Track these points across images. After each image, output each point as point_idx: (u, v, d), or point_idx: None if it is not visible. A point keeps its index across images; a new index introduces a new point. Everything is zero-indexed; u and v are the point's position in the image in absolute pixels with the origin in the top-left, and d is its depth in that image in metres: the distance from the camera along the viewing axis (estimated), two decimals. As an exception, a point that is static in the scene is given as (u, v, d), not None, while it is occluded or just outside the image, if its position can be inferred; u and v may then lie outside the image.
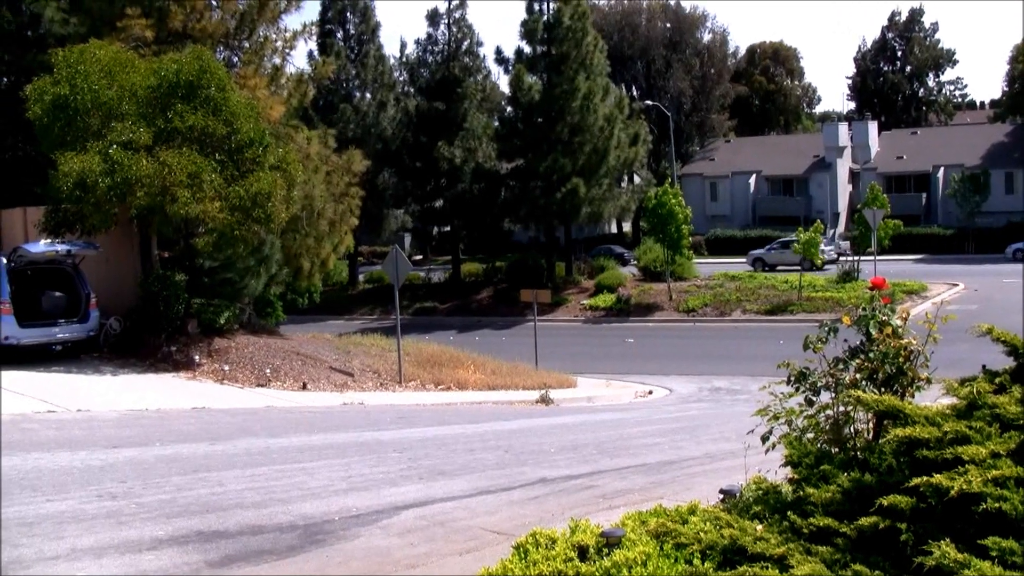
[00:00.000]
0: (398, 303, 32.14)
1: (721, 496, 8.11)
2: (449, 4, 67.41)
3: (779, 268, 65.04)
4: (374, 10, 69.17)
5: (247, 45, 32.70)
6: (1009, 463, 5.31)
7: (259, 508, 10.29)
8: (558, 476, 13.17)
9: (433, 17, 67.98)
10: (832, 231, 75.97)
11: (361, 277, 69.00)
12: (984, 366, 6.80)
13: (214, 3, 31.99)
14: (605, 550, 6.92)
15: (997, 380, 6.42)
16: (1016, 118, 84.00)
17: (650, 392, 32.41)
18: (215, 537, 8.94)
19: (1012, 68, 78.14)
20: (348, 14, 68.17)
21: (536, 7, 60.10)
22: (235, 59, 32.39)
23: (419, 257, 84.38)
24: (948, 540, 5.01)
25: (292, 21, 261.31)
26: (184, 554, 8.37)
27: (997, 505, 5.06)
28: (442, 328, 51.49)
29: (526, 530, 7.69)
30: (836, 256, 64.05)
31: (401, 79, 71.87)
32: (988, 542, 4.92)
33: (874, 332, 7.27)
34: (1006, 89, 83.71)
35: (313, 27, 36.75)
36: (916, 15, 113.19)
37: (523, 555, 7.11)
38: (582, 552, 6.98)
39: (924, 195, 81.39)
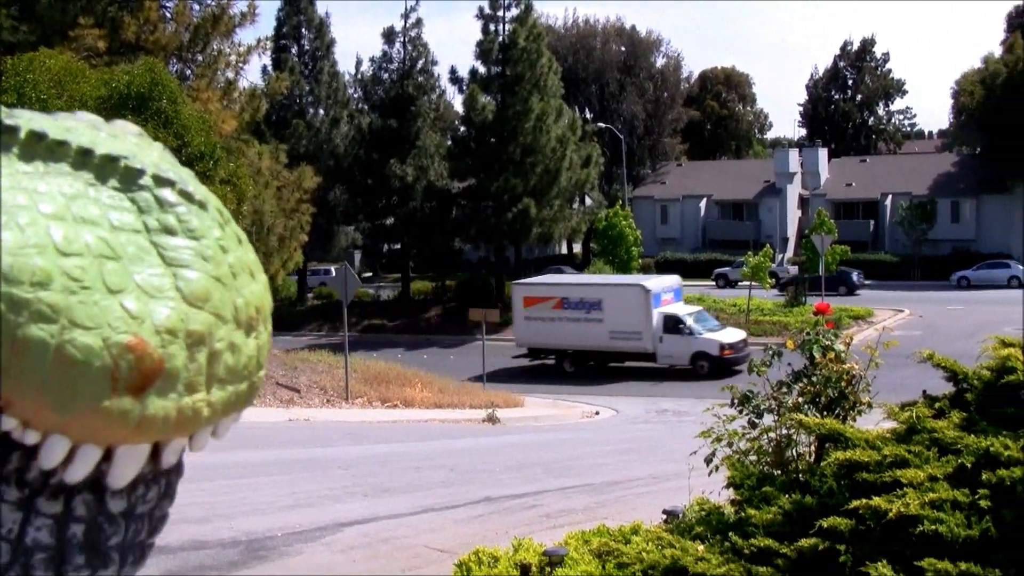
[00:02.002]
0: (346, 320, 32.04)
1: (664, 517, 8.16)
2: (405, 22, 67.41)
3: (741, 285, 65.15)
4: (329, 26, 69.07)
5: (200, 58, 32.57)
6: (946, 487, 5.37)
7: (202, 523, 10.22)
8: (503, 495, 13.17)
9: (388, 35, 67.95)
10: (781, 256, 76.45)
11: (311, 293, 68.71)
12: (924, 391, 6.89)
13: (168, 15, 31.86)
14: (547, 569, 6.94)
15: (937, 405, 6.50)
16: (963, 149, 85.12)
17: (597, 412, 32.44)
18: (156, 552, 8.85)
19: (956, 100, 79.12)
20: (303, 30, 68.00)
21: (492, 28, 60.22)
22: (188, 72, 32.24)
23: (369, 274, 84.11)
24: (885, 562, 5.07)
25: (246, 35, 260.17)
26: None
27: (934, 528, 5.12)
28: (390, 346, 51.32)
29: (469, 548, 7.69)
30: (790, 277, 64.51)
31: (355, 96, 71.72)
32: (924, 563, 4.98)
33: (817, 356, 7.35)
34: (953, 120, 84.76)
35: (267, 42, 36.76)
36: (868, 45, 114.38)
37: (465, 573, 7.12)
38: (524, 571, 6.99)
39: (872, 222, 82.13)
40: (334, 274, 42.12)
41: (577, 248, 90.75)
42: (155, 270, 1.44)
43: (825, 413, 7.17)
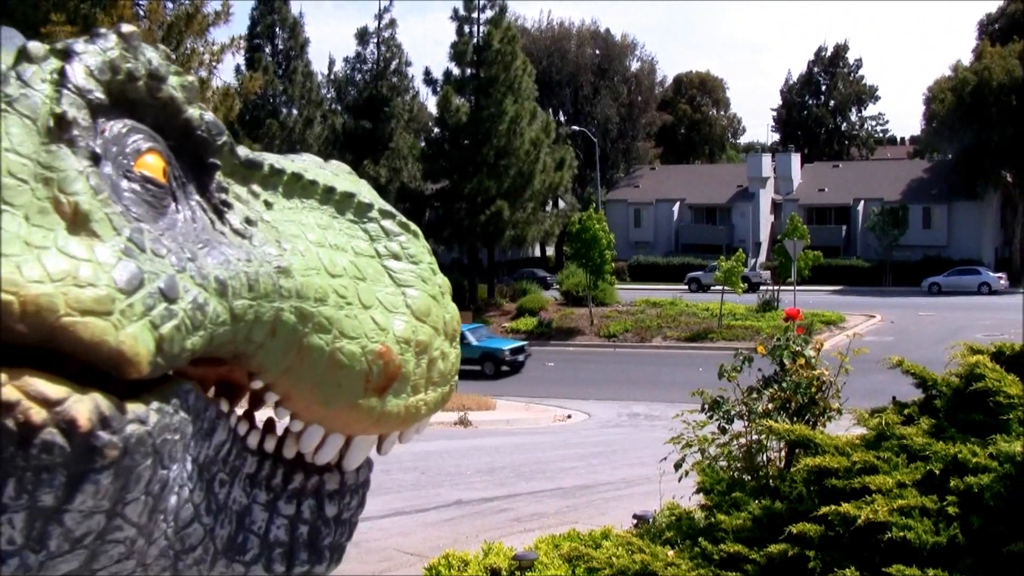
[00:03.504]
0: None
1: (635, 521, 8.16)
2: (379, 23, 67.42)
3: (713, 289, 65.35)
4: (303, 26, 68.93)
5: (174, 57, 32.44)
6: (914, 493, 5.39)
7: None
8: (474, 498, 13.16)
9: (362, 36, 67.92)
10: (754, 260, 76.68)
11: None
12: (894, 397, 6.91)
13: (141, 13, 31.69)
14: (517, 573, 6.94)
15: (906, 411, 6.52)
16: (934, 155, 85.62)
17: (569, 416, 32.43)
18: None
19: (928, 107, 79.52)
20: (277, 29, 67.84)
21: (466, 29, 60.19)
22: (161, 71, 32.06)
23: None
24: (854, 568, 5.08)
25: (220, 34, 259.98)
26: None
27: (902, 534, 5.14)
28: (363, 347, 51.17)
29: (439, 552, 7.68)
30: (765, 281, 64.74)
31: (329, 96, 71.63)
32: (893, 570, 5.00)
33: (787, 362, 7.37)
34: (924, 126, 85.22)
35: (241, 41, 36.54)
36: (841, 51, 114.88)
37: (435, 577, 7.11)
38: (494, 575, 6.99)
39: (844, 227, 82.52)
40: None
41: (550, 251, 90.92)
42: (389, 289, 1.79)
43: (795, 419, 7.19)
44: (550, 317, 55.89)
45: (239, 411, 1.70)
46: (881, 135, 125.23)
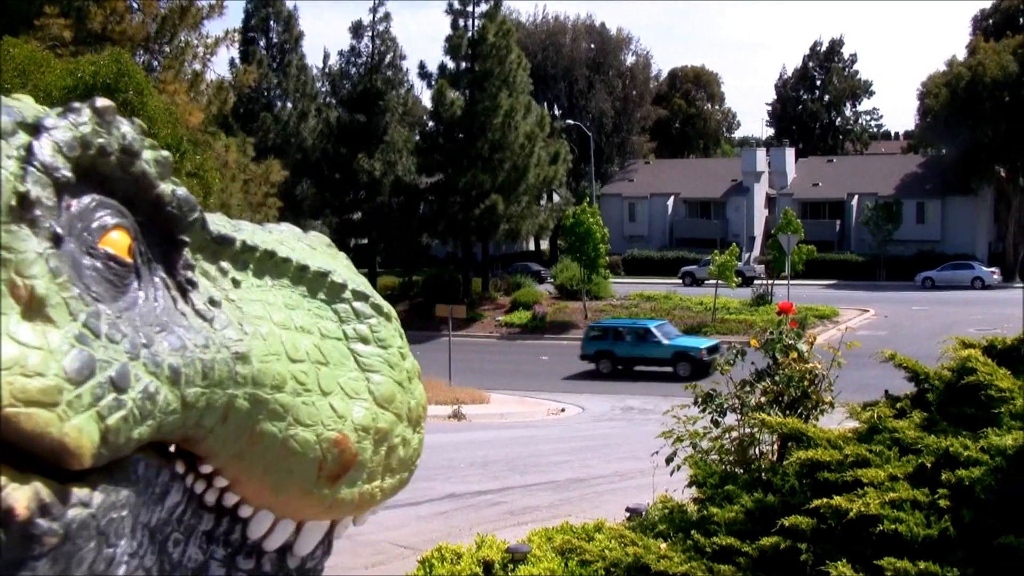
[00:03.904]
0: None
1: (628, 514, 8.18)
2: (373, 16, 67.27)
3: (707, 283, 65.35)
4: (297, 20, 68.83)
5: (168, 50, 32.38)
6: (906, 486, 5.41)
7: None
8: (467, 492, 13.17)
9: (357, 29, 67.78)
10: (748, 255, 76.67)
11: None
12: (886, 391, 6.94)
13: (135, 5, 31.65)
14: (510, 566, 6.95)
15: (898, 405, 6.54)
16: (928, 150, 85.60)
17: (563, 410, 32.48)
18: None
19: (922, 102, 79.47)
20: (271, 22, 67.73)
21: (461, 23, 60.10)
22: (155, 63, 32.04)
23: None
24: (845, 560, 5.10)
25: (214, 27, 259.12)
26: None
27: (893, 527, 5.16)
28: (357, 341, 51.12)
29: (432, 545, 7.69)
30: (759, 276, 64.77)
31: (323, 90, 71.49)
32: (884, 563, 5.01)
33: (780, 356, 7.38)
34: (919, 121, 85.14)
35: (235, 34, 36.53)
36: (836, 45, 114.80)
37: (428, 570, 7.12)
38: (487, 567, 7.00)
39: (838, 222, 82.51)
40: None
41: (545, 245, 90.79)
42: (353, 374, 1.74)
43: (788, 412, 7.21)
44: (544, 311, 55.90)
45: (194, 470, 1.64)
46: (875, 130, 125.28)
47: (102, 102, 1.45)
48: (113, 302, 1.42)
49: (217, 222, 1.69)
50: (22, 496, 1.25)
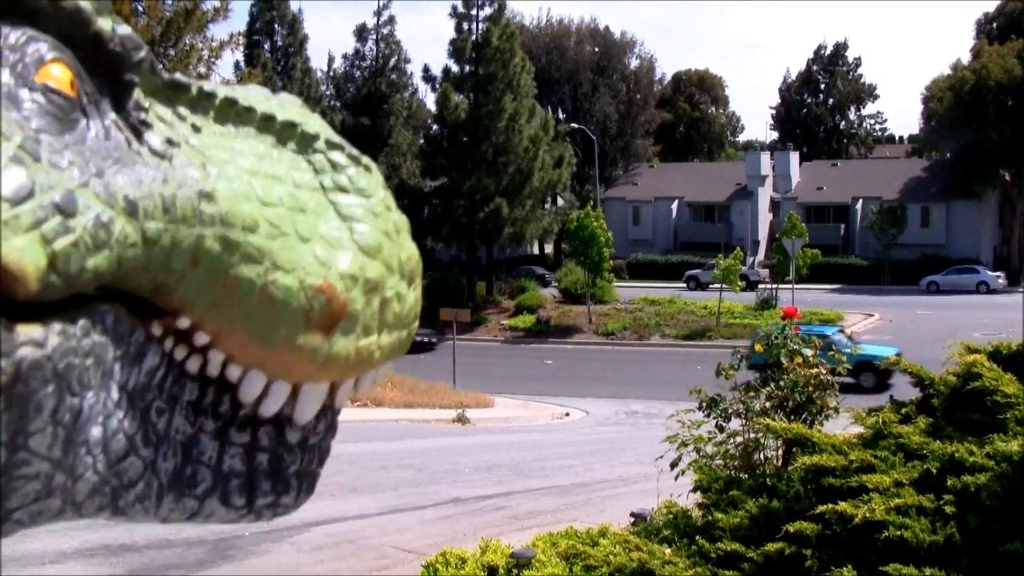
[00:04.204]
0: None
1: (632, 519, 8.17)
2: (378, 20, 67.38)
3: (711, 287, 65.36)
4: (302, 23, 68.93)
5: (172, 53, 32.37)
6: (911, 492, 5.40)
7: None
8: (471, 496, 13.16)
9: (361, 32, 67.89)
10: (752, 259, 76.65)
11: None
12: (892, 396, 6.92)
13: (141, 9, 31.66)
14: (515, 571, 6.94)
15: (903, 410, 6.52)
16: (933, 154, 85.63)
17: (567, 414, 32.46)
18: (122, 551, 8.82)
19: (926, 106, 79.48)
20: (276, 26, 67.87)
21: (465, 27, 60.15)
22: (160, 66, 32.04)
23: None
24: (850, 566, 5.09)
25: (219, 31, 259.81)
26: (90, 567, 8.25)
27: (899, 533, 5.14)
28: (361, 344, 51.08)
29: (436, 549, 7.69)
30: (763, 280, 64.72)
31: (327, 93, 71.59)
32: (889, 569, 5.00)
33: (785, 361, 7.37)
34: (923, 125, 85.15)
35: (240, 37, 36.51)
36: (841, 49, 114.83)
37: (432, 574, 7.11)
38: (492, 572, 6.99)
39: (843, 226, 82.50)
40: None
41: (549, 249, 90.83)
42: (334, 223, 1.64)
43: (792, 417, 7.20)
44: (548, 315, 55.90)
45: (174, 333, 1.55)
46: (880, 134, 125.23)
47: None
48: (58, 136, 1.35)
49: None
50: None
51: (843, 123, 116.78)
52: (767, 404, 7.40)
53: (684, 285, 71.47)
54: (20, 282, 1.22)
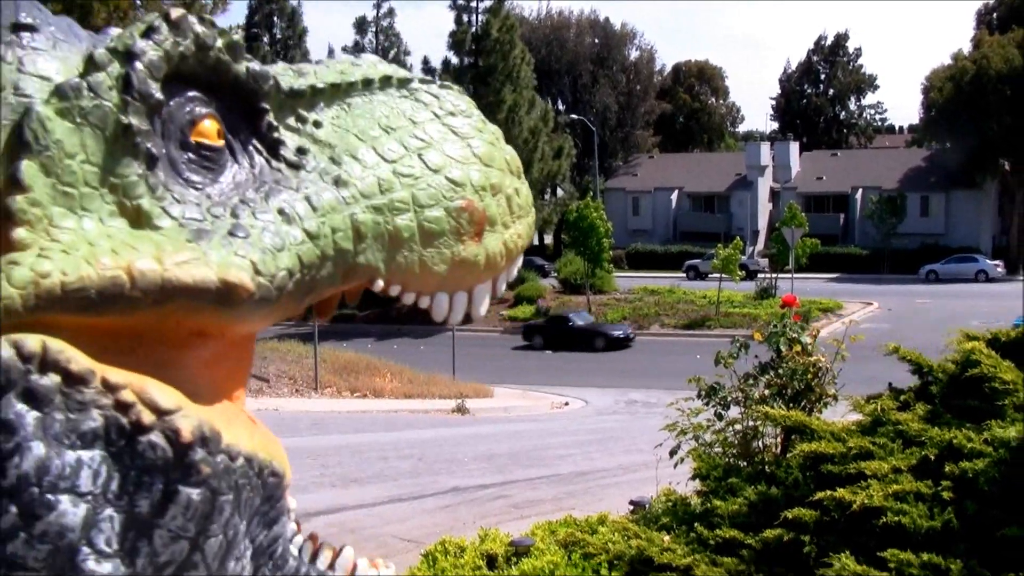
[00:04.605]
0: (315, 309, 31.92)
1: (631, 507, 8.18)
2: (377, 12, 67.39)
3: (711, 277, 65.35)
4: (301, 15, 68.92)
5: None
6: (909, 478, 5.40)
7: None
8: (471, 485, 13.18)
9: (361, 25, 67.89)
10: (752, 248, 76.64)
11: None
12: (890, 384, 6.92)
13: (139, 2, 31.63)
14: (514, 559, 6.96)
15: (902, 398, 6.53)
16: (932, 144, 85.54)
17: (566, 404, 32.47)
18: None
19: (926, 96, 79.36)
20: (275, 19, 67.82)
21: (465, 19, 60.13)
22: (159, 59, 32.02)
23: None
24: (849, 553, 5.09)
25: (218, 23, 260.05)
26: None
27: (897, 519, 5.15)
28: (361, 335, 51.17)
29: (436, 538, 7.70)
30: (763, 269, 64.69)
31: (327, 85, 71.55)
32: (887, 555, 5.01)
33: (784, 349, 7.37)
34: (923, 115, 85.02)
35: (239, 30, 36.53)
36: (841, 40, 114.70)
37: (432, 563, 7.12)
38: (491, 561, 7.01)
39: (842, 216, 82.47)
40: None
41: (548, 239, 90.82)
42: (456, 144, 1.96)
43: (791, 405, 7.20)
44: (548, 305, 55.89)
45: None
46: (880, 124, 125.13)
47: (175, 13, 1.66)
48: (212, 184, 1.64)
49: (281, 74, 1.88)
50: (188, 424, 1.49)
51: (843, 113, 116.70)
52: (766, 392, 7.41)
53: (684, 275, 71.45)
54: (242, 286, 1.55)
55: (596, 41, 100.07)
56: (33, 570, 1.37)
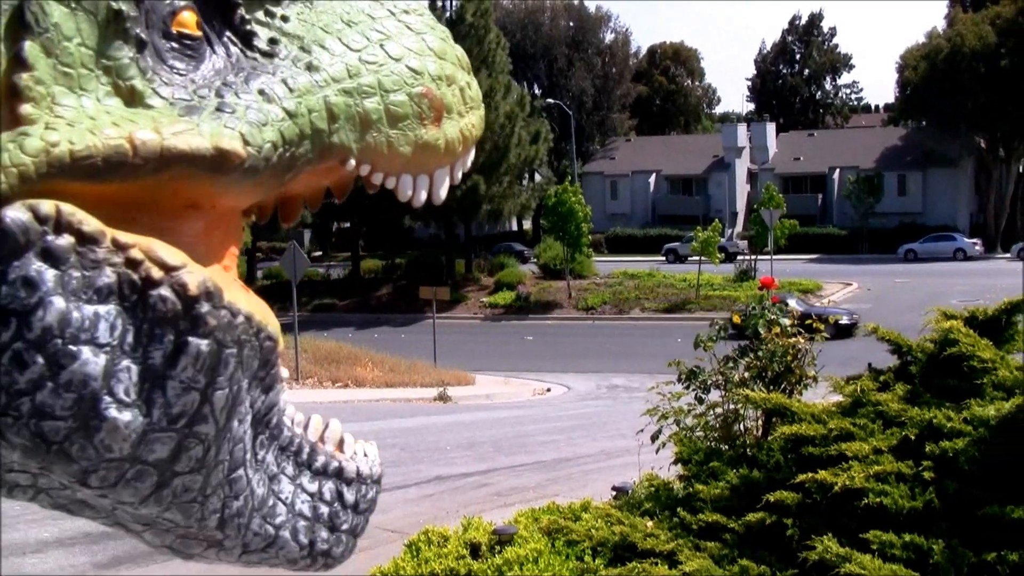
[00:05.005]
0: (295, 299, 31.85)
1: (614, 493, 8.17)
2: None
3: (690, 259, 65.42)
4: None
5: None
6: (890, 459, 5.41)
7: (149, 507, 10.12)
8: (454, 474, 13.17)
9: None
10: (730, 230, 76.78)
11: (260, 273, 68.05)
12: (870, 364, 6.94)
13: None
14: (497, 547, 6.94)
15: (882, 378, 6.54)
16: (909, 122, 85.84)
17: (548, 390, 32.49)
18: (102, 539, 8.77)
19: (901, 75, 79.54)
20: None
21: (439, 3, 59.95)
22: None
23: (319, 253, 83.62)
24: (831, 535, 5.10)
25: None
26: (70, 555, 8.22)
27: (878, 500, 5.16)
28: (341, 325, 51.13)
29: (420, 528, 7.68)
30: (742, 251, 64.77)
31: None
32: (869, 536, 5.02)
33: (763, 331, 7.38)
34: (899, 94, 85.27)
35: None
36: (816, 19, 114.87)
37: (415, 553, 7.10)
38: (474, 550, 6.99)
39: (820, 196, 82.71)
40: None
41: (527, 225, 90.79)
42: (412, 38, 2.07)
43: (771, 387, 7.21)
44: (528, 291, 55.92)
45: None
46: (856, 103, 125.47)
47: None
48: (195, 71, 1.75)
49: None
50: (194, 279, 1.60)
51: (819, 93, 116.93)
52: (746, 375, 7.41)
53: (663, 258, 71.59)
54: (234, 152, 1.66)
55: (571, 24, 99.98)
56: (60, 419, 1.49)
